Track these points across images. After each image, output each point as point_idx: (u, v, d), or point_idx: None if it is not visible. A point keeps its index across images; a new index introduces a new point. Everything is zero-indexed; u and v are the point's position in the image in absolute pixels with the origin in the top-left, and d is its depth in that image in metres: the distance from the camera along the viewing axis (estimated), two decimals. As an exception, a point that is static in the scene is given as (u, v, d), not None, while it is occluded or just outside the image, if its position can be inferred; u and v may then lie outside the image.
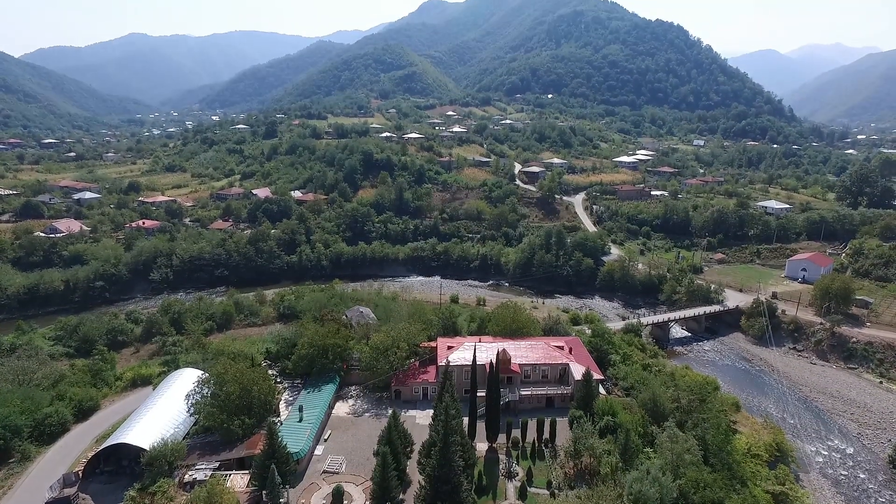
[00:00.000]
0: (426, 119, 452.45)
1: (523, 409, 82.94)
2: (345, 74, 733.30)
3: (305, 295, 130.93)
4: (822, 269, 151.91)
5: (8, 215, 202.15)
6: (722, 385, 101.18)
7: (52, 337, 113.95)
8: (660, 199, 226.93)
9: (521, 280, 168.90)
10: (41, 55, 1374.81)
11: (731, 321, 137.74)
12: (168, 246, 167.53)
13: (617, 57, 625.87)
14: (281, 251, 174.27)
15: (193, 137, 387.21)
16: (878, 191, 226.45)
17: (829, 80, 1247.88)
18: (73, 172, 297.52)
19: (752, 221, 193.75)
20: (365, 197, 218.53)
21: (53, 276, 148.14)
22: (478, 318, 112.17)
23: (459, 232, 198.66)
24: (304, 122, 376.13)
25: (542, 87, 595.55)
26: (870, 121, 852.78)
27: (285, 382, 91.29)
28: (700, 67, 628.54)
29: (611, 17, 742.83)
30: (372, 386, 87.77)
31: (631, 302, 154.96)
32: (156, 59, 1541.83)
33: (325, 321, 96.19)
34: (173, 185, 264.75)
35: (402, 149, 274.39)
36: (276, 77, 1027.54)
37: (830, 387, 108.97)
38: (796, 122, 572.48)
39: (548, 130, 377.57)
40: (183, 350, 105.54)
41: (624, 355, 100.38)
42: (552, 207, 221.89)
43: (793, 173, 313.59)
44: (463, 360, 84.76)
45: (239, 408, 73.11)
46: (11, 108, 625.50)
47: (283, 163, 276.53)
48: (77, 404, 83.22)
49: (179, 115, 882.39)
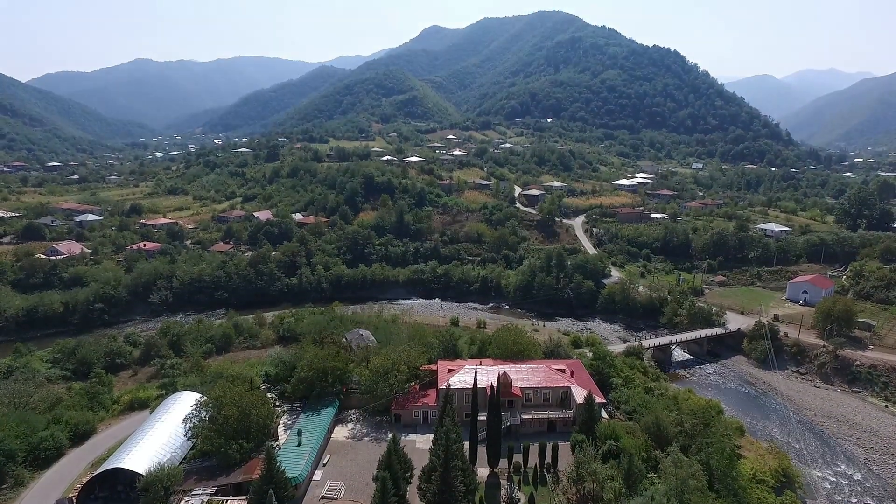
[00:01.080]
0: (427, 143, 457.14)
1: (525, 433, 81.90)
2: (346, 99, 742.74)
3: (305, 317, 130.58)
4: (823, 292, 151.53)
5: (9, 237, 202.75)
6: (725, 409, 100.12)
7: (50, 359, 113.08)
8: (659, 222, 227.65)
9: (522, 303, 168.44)
10: (48, 80, 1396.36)
11: (732, 344, 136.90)
12: (168, 268, 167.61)
13: (615, 82, 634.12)
14: (281, 273, 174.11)
15: (196, 160, 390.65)
16: (876, 213, 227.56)
17: (824, 104, 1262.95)
18: (76, 195, 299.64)
19: (752, 244, 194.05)
20: (366, 219, 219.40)
21: (53, 298, 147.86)
22: (478, 340, 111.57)
23: (460, 254, 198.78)
24: (306, 146, 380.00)
25: (541, 112, 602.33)
26: (866, 144, 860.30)
27: (284, 406, 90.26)
28: (697, 92, 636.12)
29: (608, 44, 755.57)
30: (371, 409, 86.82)
31: (632, 324, 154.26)
32: (161, 83, 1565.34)
33: (325, 344, 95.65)
34: (175, 207, 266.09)
35: (403, 172, 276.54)
36: (279, 101, 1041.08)
37: (835, 411, 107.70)
38: (794, 145, 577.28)
39: (547, 154, 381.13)
40: (181, 373, 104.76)
41: (626, 378, 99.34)
42: (552, 230, 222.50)
43: (791, 196, 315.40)
44: (464, 383, 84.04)
45: (237, 432, 72.19)
46: (17, 132, 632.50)
47: (285, 186, 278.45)
48: (73, 428, 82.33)
49: (182, 138, 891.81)
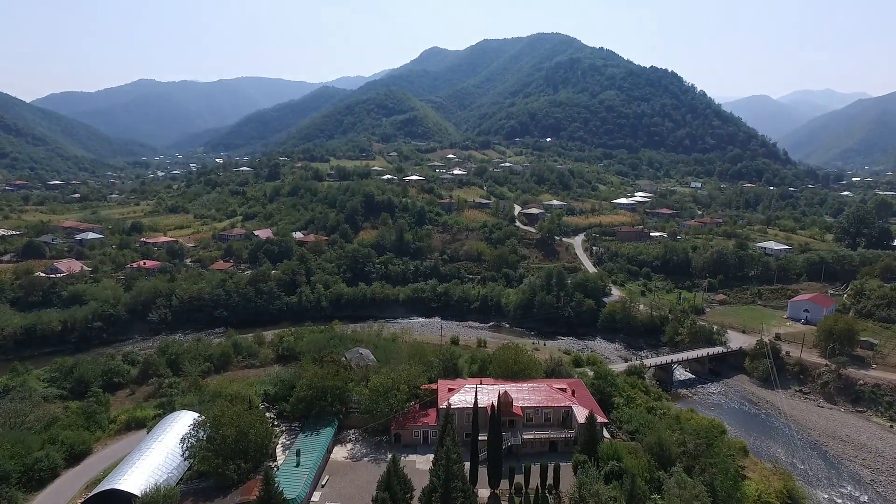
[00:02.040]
0: (427, 162, 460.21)
1: (526, 453, 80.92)
2: (347, 119, 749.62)
3: (305, 336, 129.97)
4: (824, 310, 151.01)
5: (10, 255, 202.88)
6: (728, 429, 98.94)
7: (47, 378, 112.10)
8: (659, 241, 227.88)
9: (522, 321, 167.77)
10: (53, 100, 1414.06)
11: (734, 363, 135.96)
12: (168, 286, 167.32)
13: (613, 102, 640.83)
14: (281, 292, 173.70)
15: (197, 179, 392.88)
16: (875, 232, 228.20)
17: (821, 124, 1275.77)
18: (77, 213, 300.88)
19: (752, 262, 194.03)
20: (366, 238, 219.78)
21: (51, 316, 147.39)
22: (479, 359, 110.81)
23: (460, 273, 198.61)
24: (307, 165, 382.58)
25: (540, 131, 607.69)
26: (863, 163, 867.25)
27: (283, 425, 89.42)
28: (695, 112, 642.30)
29: (606, 65, 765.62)
30: (371, 429, 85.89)
31: (633, 343, 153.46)
32: (164, 103, 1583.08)
33: (325, 363, 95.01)
34: (176, 225, 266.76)
35: (403, 191, 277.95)
36: (281, 121, 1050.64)
37: (839, 431, 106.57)
38: (791, 164, 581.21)
39: (547, 173, 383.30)
40: (179, 392, 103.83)
41: (627, 398, 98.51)
42: (552, 248, 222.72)
43: (790, 214, 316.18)
44: (464, 402, 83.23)
45: (235, 452, 71.41)
46: (20, 151, 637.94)
47: (285, 204, 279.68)
48: (69, 448, 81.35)
49: (184, 157, 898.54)
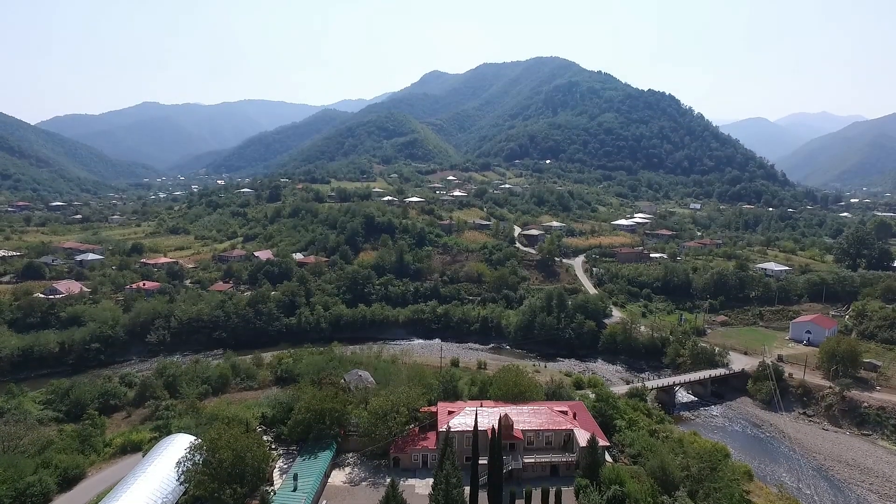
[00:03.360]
0: (427, 183, 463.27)
1: (527, 477, 79.59)
2: (349, 141, 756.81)
3: (304, 358, 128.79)
4: (826, 332, 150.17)
5: (9, 276, 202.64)
6: (732, 452, 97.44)
7: (43, 401, 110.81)
8: (659, 262, 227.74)
9: (523, 343, 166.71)
10: (58, 122, 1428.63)
11: (737, 385, 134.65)
12: (167, 307, 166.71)
13: (612, 125, 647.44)
14: (280, 313, 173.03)
15: (198, 200, 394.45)
16: (875, 253, 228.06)
17: (818, 146, 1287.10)
18: (78, 234, 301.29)
19: (753, 283, 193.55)
20: (366, 259, 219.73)
21: (49, 337, 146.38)
22: (479, 381, 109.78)
23: (460, 294, 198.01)
24: (308, 187, 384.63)
25: (540, 153, 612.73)
26: (861, 185, 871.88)
27: (280, 449, 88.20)
28: (693, 134, 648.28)
29: (604, 88, 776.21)
30: (370, 453, 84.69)
31: (634, 365, 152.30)
32: (167, 126, 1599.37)
33: (323, 385, 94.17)
34: (176, 246, 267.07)
35: (404, 212, 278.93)
36: (282, 143, 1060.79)
37: (845, 455, 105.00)
38: (790, 186, 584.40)
39: (546, 194, 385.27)
40: (176, 414, 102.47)
41: (629, 421, 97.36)
42: (552, 270, 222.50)
43: (790, 236, 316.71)
44: (464, 425, 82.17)
45: (231, 476, 70.12)
46: (23, 173, 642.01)
47: (286, 226, 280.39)
48: (62, 472, 79.92)
49: (186, 179, 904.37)
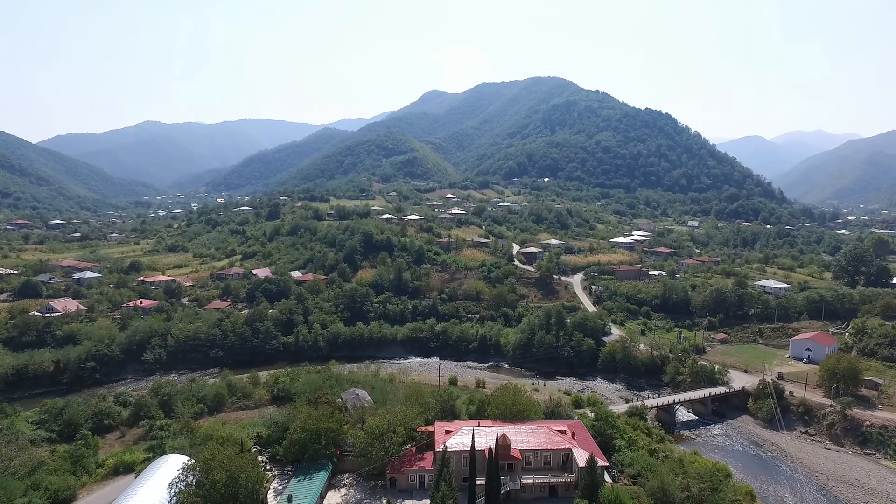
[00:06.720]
0: (426, 201, 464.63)
1: (525, 498, 78.55)
2: (348, 159, 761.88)
3: (300, 376, 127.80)
4: (826, 349, 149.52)
5: (6, 294, 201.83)
6: (734, 472, 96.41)
7: (36, 420, 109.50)
8: (658, 279, 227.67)
9: (521, 361, 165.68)
10: (60, 141, 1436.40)
11: (738, 403, 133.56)
12: (164, 326, 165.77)
13: (610, 143, 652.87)
14: (278, 332, 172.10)
15: (198, 218, 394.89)
16: (873, 270, 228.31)
17: (814, 164, 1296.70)
18: (77, 252, 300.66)
19: (752, 301, 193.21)
20: (364, 277, 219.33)
21: (44, 356, 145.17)
22: (477, 400, 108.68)
23: (458, 312, 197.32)
24: (307, 205, 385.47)
25: (538, 171, 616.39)
26: (857, 202, 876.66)
27: (275, 469, 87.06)
28: (690, 152, 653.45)
29: (602, 107, 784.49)
30: (366, 473, 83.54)
31: (634, 383, 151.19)
32: (167, 144, 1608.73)
33: (319, 404, 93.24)
34: (174, 264, 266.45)
35: (402, 230, 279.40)
36: (282, 162, 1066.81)
37: (848, 474, 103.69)
38: (787, 203, 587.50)
39: (545, 212, 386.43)
40: (170, 434, 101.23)
41: (629, 440, 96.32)
42: (551, 287, 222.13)
43: (788, 253, 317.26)
44: (461, 445, 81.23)
45: (224, 497, 68.98)
46: (23, 191, 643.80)
47: (285, 244, 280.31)
48: (52, 495, 78.53)
49: (186, 197, 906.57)
